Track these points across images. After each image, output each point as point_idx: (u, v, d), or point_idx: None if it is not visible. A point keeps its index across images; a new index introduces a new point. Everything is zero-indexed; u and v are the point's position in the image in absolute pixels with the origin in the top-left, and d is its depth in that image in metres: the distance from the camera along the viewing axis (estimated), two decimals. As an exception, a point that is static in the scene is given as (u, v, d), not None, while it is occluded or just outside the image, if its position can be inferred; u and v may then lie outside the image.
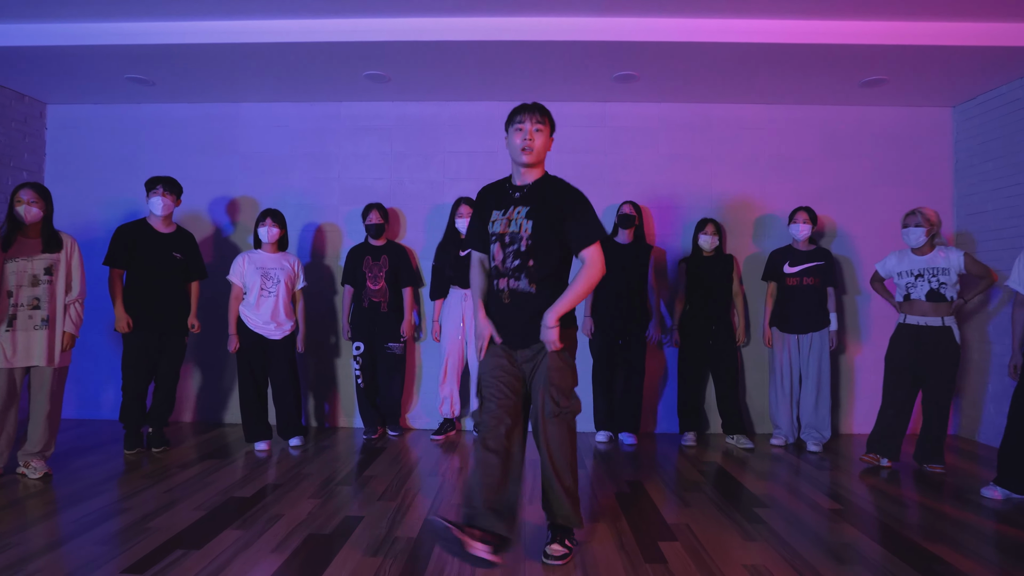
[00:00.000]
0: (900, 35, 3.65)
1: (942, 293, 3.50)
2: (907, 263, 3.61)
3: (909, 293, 3.59)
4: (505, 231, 2.33)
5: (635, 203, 4.32)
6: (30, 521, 2.67)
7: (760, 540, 2.55)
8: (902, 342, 3.60)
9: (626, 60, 3.96)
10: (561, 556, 2.26)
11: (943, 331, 3.50)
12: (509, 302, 2.33)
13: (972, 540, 2.58)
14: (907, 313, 3.60)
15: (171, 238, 3.94)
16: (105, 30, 3.81)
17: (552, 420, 2.31)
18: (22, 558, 2.29)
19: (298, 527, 2.64)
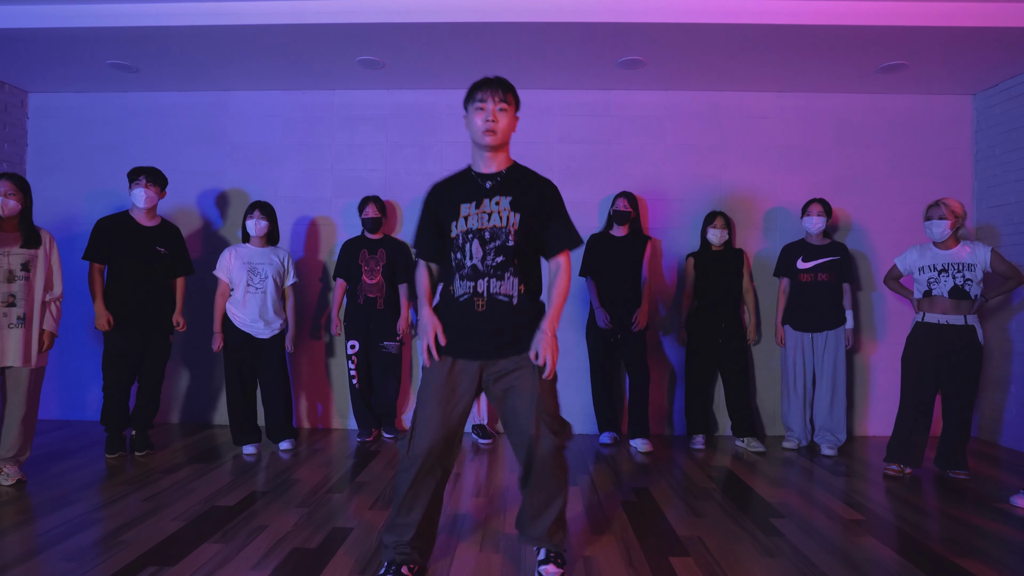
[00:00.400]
0: (919, 15, 3.45)
1: (966, 290, 3.30)
2: (929, 257, 3.42)
3: (931, 289, 3.38)
4: (484, 226, 2.02)
5: (631, 195, 4.12)
6: None
7: (778, 555, 2.37)
8: (922, 341, 3.40)
9: (632, 44, 3.76)
10: None
11: (966, 330, 3.31)
12: (485, 309, 2.01)
13: (1003, 552, 2.40)
14: (927, 311, 3.40)
15: (155, 231, 3.76)
16: (85, 11, 3.62)
17: (552, 453, 2.07)
18: (-19, 576, 2.11)
19: (282, 540, 2.46)
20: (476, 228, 2.03)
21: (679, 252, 4.47)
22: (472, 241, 2.03)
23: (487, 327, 2.02)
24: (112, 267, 3.68)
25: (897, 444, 3.44)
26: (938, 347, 3.35)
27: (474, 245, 2.02)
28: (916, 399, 3.40)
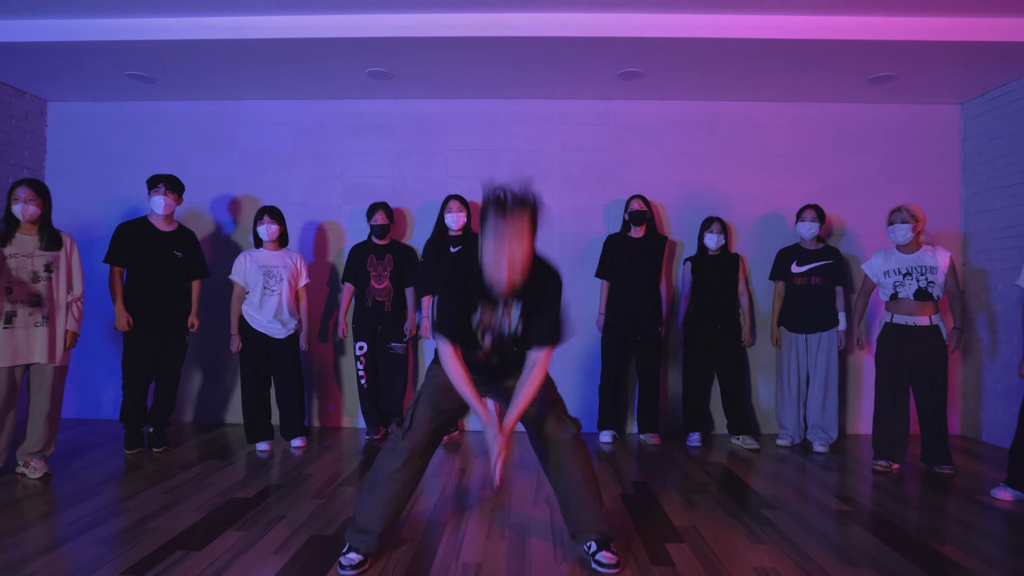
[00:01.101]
0: (908, 30, 3.61)
1: (930, 292, 3.47)
2: (894, 261, 3.58)
3: (897, 292, 3.55)
4: (496, 327, 2.16)
5: (643, 197, 4.28)
6: (29, 521, 2.64)
7: (769, 542, 2.51)
8: (890, 342, 3.56)
9: (631, 57, 3.92)
10: (616, 564, 2.21)
11: (931, 330, 3.48)
12: (497, 364, 2.27)
13: (983, 542, 2.54)
14: (894, 312, 3.57)
15: (172, 236, 3.91)
16: (106, 26, 3.78)
17: (574, 441, 2.30)
18: (21, 558, 2.25)
19: (300, 528, 2.60)
20: (487, 324, 2.16)
21: (677, 256, 4.62)
22: (485, 333, 2.19)
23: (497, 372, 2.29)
24: (131, 270, 3.83)
25: (879, 441, 3.59)
26: (907, 347, 3.51)
27: (487, 337, 2.20)
28: (890, 397, 3.56)
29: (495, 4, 3.54)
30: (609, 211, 4.65)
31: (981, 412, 4.38)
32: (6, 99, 4.47)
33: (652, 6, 3.54)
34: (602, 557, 2.22)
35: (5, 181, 4.47)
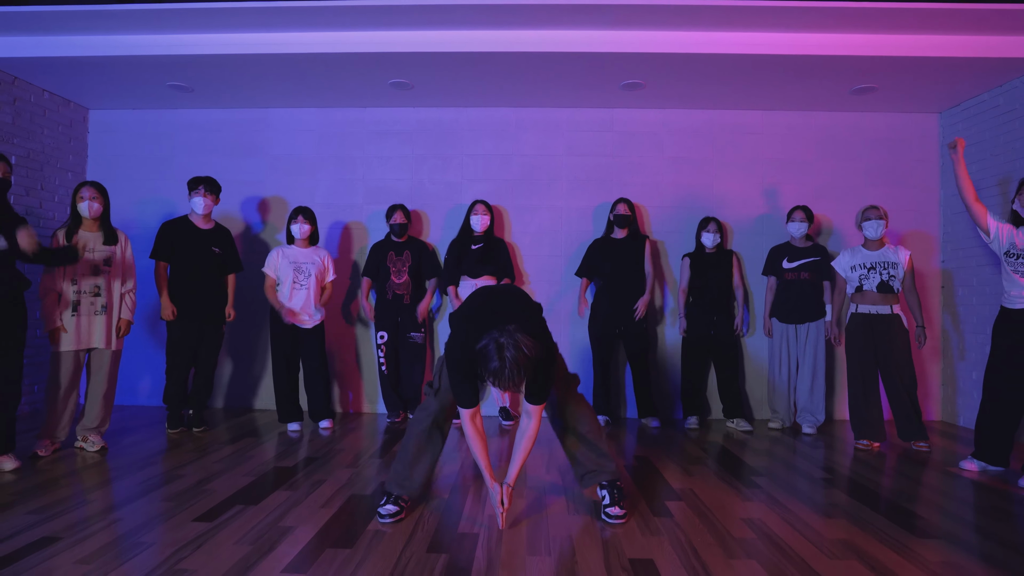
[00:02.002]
0: (887, 46, 3.95)
1: (891, 285, 3.84)
2: (860, 257, 3.96)
3: (862, 284, 3.92)
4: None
5: (628, 200, 4.62)
6: (99, 484, 2.97)
7: (757, 501, 2.84)
8: (857, 330, 3.93)
9: (633, 70, 4.27)
10: (623, 516, 2.54)
11: (893, 318, 3.86)
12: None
13: (948, 502, 2.87)
14: (859, 303, 3.94)
15: (210, 234, 4.24)
16: (150, 41, 4.11)
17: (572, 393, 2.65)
18: (101, 510, 2.59)
19: (341, 489, 2.93)
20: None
21: (676, 254, 4.96)
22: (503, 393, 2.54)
23: None
24: (173, 265, 4.16)
25: (857, 422, 3.93)
26: (872, 333, 3.88)
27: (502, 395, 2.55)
28: (861, 380, 3.92)
29: (507, 22, 3.87)
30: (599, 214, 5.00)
31: (957, 398, 4.71)
32: (53, 108, 4.82)
33: (652, 24, 3.88)
34: (612, 511, 2.54)
35: (52, 183, 4.82)
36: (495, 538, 2.35)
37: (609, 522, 2.52)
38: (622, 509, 2.55)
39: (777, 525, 2.52)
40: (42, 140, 4.72)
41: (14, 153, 4.46)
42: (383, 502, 2.56)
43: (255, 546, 2.24)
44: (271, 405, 4.99)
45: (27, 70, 4.38)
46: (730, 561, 2.16)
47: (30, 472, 3.14)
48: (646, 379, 4.59)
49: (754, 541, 2.35)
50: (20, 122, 4.53)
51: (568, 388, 2.68)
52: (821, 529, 2.48)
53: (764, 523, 2.54)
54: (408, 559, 2.14)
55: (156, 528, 2.39)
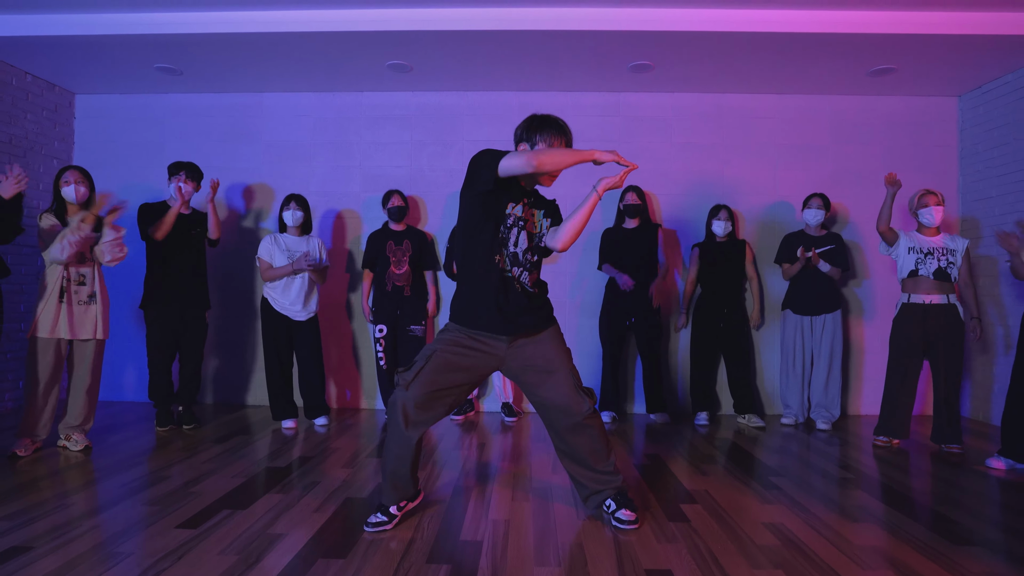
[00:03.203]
0: (907, 24, 3.76)
1: (948, 272, 3.61)
2: (916, 240, 3.71)
3: (917, 269, 3.67)
4: (528, 223, 2.35)
5: (638, 188, 4.43)
6: (80, 486, 2.81)
7: (777, 503, 2.67)
8: (908, 321, 3.68)
9: (641, 50, 4.07)
10: (635, 520, 2.37)
11: (949, 308, 3.61)
12: (521, 291, 2.33)
13: (975, 502, 2.71)
14: (911, 292, 3.69)
15: (189, 218, 4.05)
16: (136, 20, 3.92)
17: (591, 412, 2.38)
18: (81, 514, 2.42)
19: (336, 491, 2.77)
20: (524, 218, 2.34)
21: (686, 243, 4.78)
22: (518, 230, 2.33)
23: (524, 309, 2.32)
24: (152, 250, 3.97)
25: (885, 417, 3.74)
26: (924, 326, 3.64)
27: (521, 235, 2.33)
28: (901, 375, 3.70)
29: (512, -1, 3.69)
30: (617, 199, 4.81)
31: (992, 396, 4.52)
32: (38, 92, 4.63)
33: (662, 1, 3.69)
34: (622, 515, 2.37)
35: (36, 170, 4.63)
36: (500, 546, 2.18)
37: (621, 528, 2.36)
38: (633, 512, 2.38)
39: (802, 530, 2.36)
40: (25, 125, 4.53)
41: (-5, 139, 4.27)
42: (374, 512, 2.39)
43: (242, 556, 2.07)
44: (264, 401, 4.82)
45: (8, 51, 4.19)
46: (754, 572, 2.00)
47: (8, 474, 2.97)
48: (656, 373, 4.41)
49: (778, 549, 2.18)
50: (2, 106, 4.33)
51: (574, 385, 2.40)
52: (849, 535, 2.31)
53: (788, 528, 2.38)
54: (407, 570, 1.98)
55: (136, 536, 2.23)
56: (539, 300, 2.41)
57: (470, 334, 2.35)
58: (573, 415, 2.37)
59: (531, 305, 2.36)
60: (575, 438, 2.41)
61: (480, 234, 2.31)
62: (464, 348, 2.34)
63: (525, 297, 2.34)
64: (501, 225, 2.32)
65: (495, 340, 2.34)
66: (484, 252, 2.31)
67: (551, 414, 2.42)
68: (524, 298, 2.34)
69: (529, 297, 2.36)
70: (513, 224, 2.33)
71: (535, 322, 2.37)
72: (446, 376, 2.31)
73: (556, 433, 2.45)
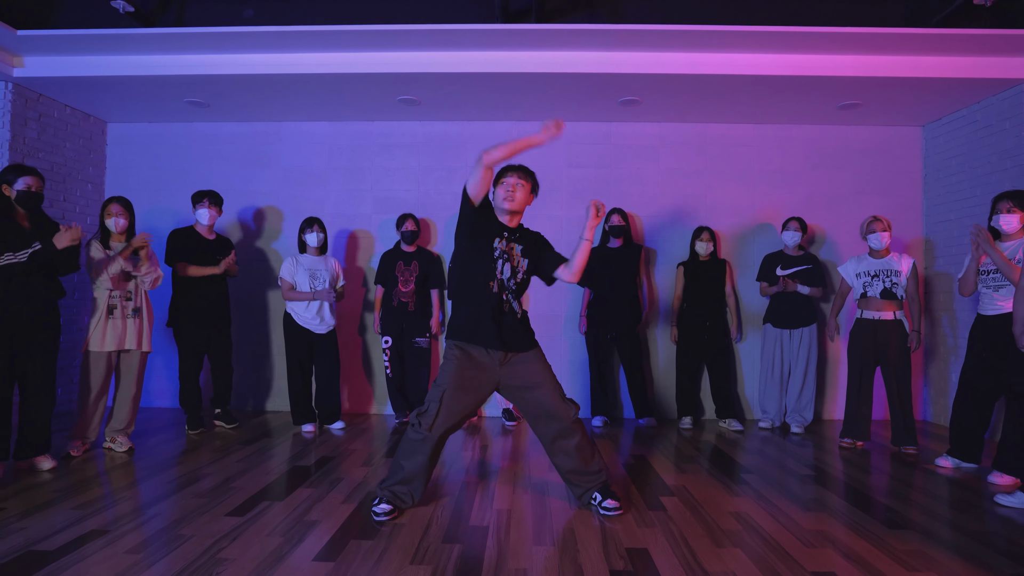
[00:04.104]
0: (870, 67, 4.17)
1: (894, 292, 4.03)
2: (865, 265, 4.14)
3: (866, 291, 4.10)
4: (509, 257, 2.79)
5: (622, 211, 4.84)
6: (131, 482, 3.19)
7: (744, 496, 3.06)
8: (860, 334, 4.11)
9: (630, 88, 4.49)
10: (619, 507, 2.76)
11: (895, 324, 4.03)
12: (508, 312, 2.77)
13: (918, 495, 3.10)
14: (864, 309, 4.12)
15: (215, 244, 4.46)
16: (169, 61, 4.31)
17: (575, 417, 2.83)
18: (137, 508, 2.80)
19: (360, 485, 3.15)
20: (508, 254, 2.79)
21: (671, 262, 5.19)
22: (504, 262, 2.78)
23: (512, 329, 2.78)
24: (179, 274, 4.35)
25: (848, 421, 4.15)
26: (874, 339, 4.06)
27: (506, 266, 2.79)
28: (857, 383, 4.12)
29: (510, 44, 4.08)
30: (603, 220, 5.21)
31: (948, 401, 4.92)
32: (74, 122, 5.03)
33: (648, 46, 4.10)
34: (607, 504, 2.77)
35: (73, 194, 5.02)
36: (504, 530, 2.57)
37: (606, 514, 2.75)
38: (616, 502, 2.77)
39: (762, 518, 2.74)
40: (64, 153, 4.93)
41: (40, 166, 4.66)
42: (376, 502, 2.73)
43: (286, 538, 2.46)
44: (283, 407, 5.20)
45: (51, 87, 4.59)
46: (718, 550, 2.39)
47: (65, 471, 3.35)
48: (640, 382, 4.82)
49: (740, 532, 2.57)
50: (45, 136, 4.74)
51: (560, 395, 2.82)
52: (802, 521, 2.70)
53: (750, 516, 2.77)
54: (426, 548, 2.36)
55: (193, 522, 2.61)
56: (526, 322, 2.87)
57: (469, 351, 2.77)
58: (562, 420, 2.79)
59: (520, 325, 2.83)
60: (565, 442, 2.82)
61: (474, 264, 2.80)
62: (467, 374, 2.75)
63: (514, 317, 2.81)
64: (488, 258, 2.77)
65: (491, 356, 2.77)
66: (480, 279, 2.78)
67: (542, 423, 2.84)
68: (513, 318, 2.80)
69: (518, 318, 2.82)
70: (499, 256, 2.78)
71: (524, 342, 2.82)
72: (458, 408, 2.76)
73: (549, 441, 2.86)
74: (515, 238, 2.85)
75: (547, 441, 2.86)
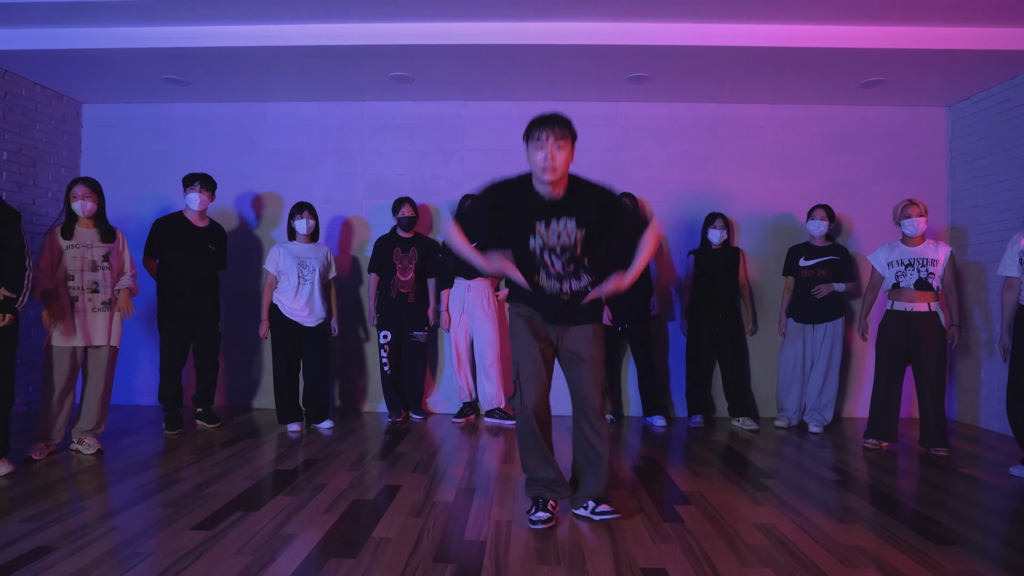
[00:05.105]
0: (898, 39, 3.87)
1: (929, 282, 3.72)
2: (897, 253, 3.82)
3: (899, 281, 3.79)
4: (556, 243, 2.42)
5: (631, 195, 4.53)
6: (96, 489, 2.91)
7: (768, 505, 2.78)
8: (891, 327, 3.80)
9: (638, 63, 4.18)
10: (615, 511, 2.52)
11: (930, 316, 3.72)
12: (569, 299, 2.48)
13: (959, 503, 2.81)
14: (895, 300, 3.81)
15: (206, 231, 4.17)
16: (143, 33, 4.01)
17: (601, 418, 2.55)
18: (99, 516, 2.52)
19: (343, 493, 2.87)
20: (550, 246, 2.43)
21: (681, 250, 4.89)
22: (546, 254, 2.44)
23: (568, 309, 2.50)
24: (167, 261, 4.08)
25: (873, 420, 3.86)
26: (906, 332, 3.75)
27: (549, 258, 2.45)
28: (886, 379, 3.81)
29: (511, 13, 3.78)
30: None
31: (979, 400, 4.63)
32: (46, 102, 4.72)
33: (659, 16, 3.79)
34: (602, 508, 2.52)
35: (46, 179, 4.73)
36: (503, 546, 2.29)
37: (604, 518, 2.51)
38: (610, 506, 2.53)
39: (790, 530, 2.46)
40: (34, 135, 4.63)
41: (5, 149, 4.36)
42: (532, 510, 2.52)
43: (256, 556, 2.17)
44: (269, 404, 4.92)
45: (18, 63, 4.28)
46: (744, 570, 2.10)
47: (25, 477, 3.07)
48: (651, 378, 4.52)
49: (767, 548, 2.29)
50: (12, 117, 4.43)
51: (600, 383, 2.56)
52: (835, 535, 2.42)
53: (776, 528, 2.48)
54: (414, 569, 2.08)
55: (154, 537, 2.33)
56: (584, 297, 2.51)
57: (531, 316, 2.53)
58: (584, 401, 2.54)
59: (575, 306, 2.51)
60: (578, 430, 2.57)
61: (518, 262, 2.49)
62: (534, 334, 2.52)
63: (576, 297, 2.49)
64: (530, 260, 2.46)
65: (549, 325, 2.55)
66: (525, 267, 2.48)
67: (574, 403, 2.59)
68: (575, 299, 2.49)
69: (580, 295, 2.49)
70: (541, 252, 2.44)
71: (581, 315, 2.52)
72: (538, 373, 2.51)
73: (575, 425, 2.60)
74: (563, 211, 2.42)
75: (575, 425, 2.61)
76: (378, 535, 2.38)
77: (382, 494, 2.87)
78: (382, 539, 2.34)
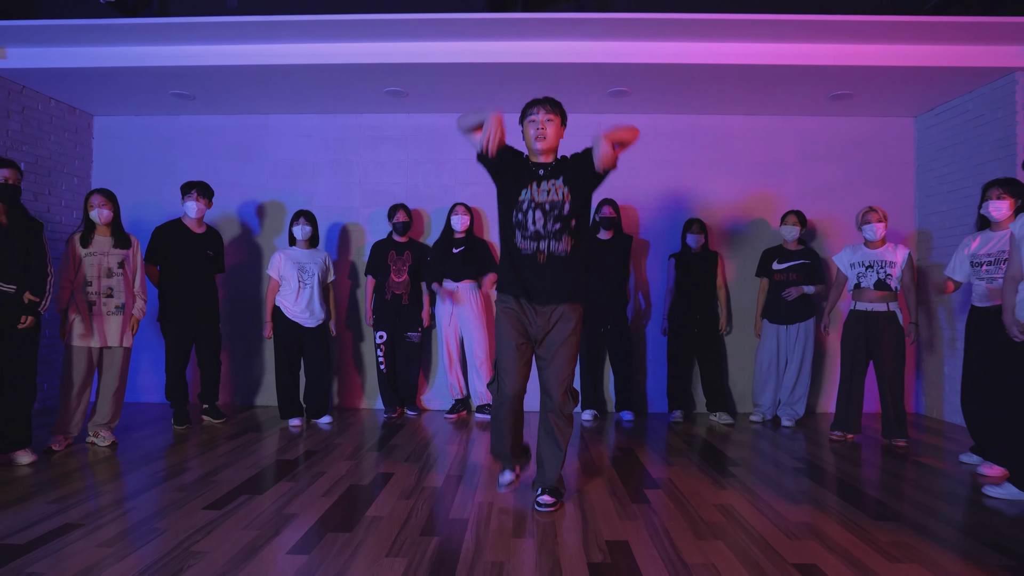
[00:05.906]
0: (862, 56, 4.12)
1: (887, 283, 3.98)
2: (859, 255, 4.09)
3: (860, 282, 4.05)
4: (545, 200, 2.60)
5: (612, 201, 4.78)
6: (112, 476, 3.16)
7: (730, 489, 3.03)
8: (853, 326, 4.07)
9: (619, 78, 4.44)
10: (552, 504, 2.68)
11: (888, 315, 3.98)
12: (545, 262, 2.60)
13: (910, 488, 3.06)
14: (857, 300, 4.07)
15: (204, 237, 4.41)
16: (154, 52, 4.27)
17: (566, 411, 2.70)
18: (117, 500, 2.77)
19: (340, 480, 3.12)
20: (539, 200, 2.61)
21: (662, 254, 5.15)
22: (534, 211, 2.61)
23: (545, 278, 2.62)
24: (168, 266, 4.31)
25: (839, 414, 4.11)
26: (867, 331, 4.01)
27: (536, 214, 2.62)
28: (849, 375, 4.07)
29: (499, 34, 4.04)
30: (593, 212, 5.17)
31: (943, 395, 4.87)
32: (59, 115, 4.98)
33: (638, 36, 4.05)
34: (542, 499, 2.69)
35: (59, 188, 4.98)
36: (483, 523, 2.54)
37: (539, 511, 2.67)
38: (552, 498, 2.69)
39: (747, 511, 2.71)
40: (49, 147, 4.89)
41: (23, 160, 4.62)
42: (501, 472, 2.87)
43: (261, 531, 2.42)
44: (272, 402, 5.17)
45: (36, 80, 4.54)
46: (699, 542, 2.35)
47: (45, 466, 3.32)
48: (626, 375, 4.78)
49: (722, 524, 2.54)
50: (28, 129, 4.69)
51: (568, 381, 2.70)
52: (787, 514, 2.67)
53: (735, 509, 2.73)
54: (403, 541, 2.33)
55: (169, 515, 2.58)
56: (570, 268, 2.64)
57: (509, 304, 2.68)
58: (549, 397, 2.69)
59: (558, 274, 2.62)
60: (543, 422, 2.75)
61: (505, 218, 2.70)
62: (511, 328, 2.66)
63: (556, 265, 2.62)
64: (517, 211, 2.64)
65: (523, 306, 2.66)
66: (508, 235, 2.69)
67: (543, 395, 2.74)
68: (555, 267, 2.62)
69: (553, 267, 2.62)
70: (528, 207, 2.62)
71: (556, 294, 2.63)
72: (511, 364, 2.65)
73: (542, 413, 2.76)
74: (552, 173, 2.65)
75: (541, 414, 2.78)
76: (371, 514, 2.63)
77: (376, 480, 3.12)
78: (375, 517, 2.59)
